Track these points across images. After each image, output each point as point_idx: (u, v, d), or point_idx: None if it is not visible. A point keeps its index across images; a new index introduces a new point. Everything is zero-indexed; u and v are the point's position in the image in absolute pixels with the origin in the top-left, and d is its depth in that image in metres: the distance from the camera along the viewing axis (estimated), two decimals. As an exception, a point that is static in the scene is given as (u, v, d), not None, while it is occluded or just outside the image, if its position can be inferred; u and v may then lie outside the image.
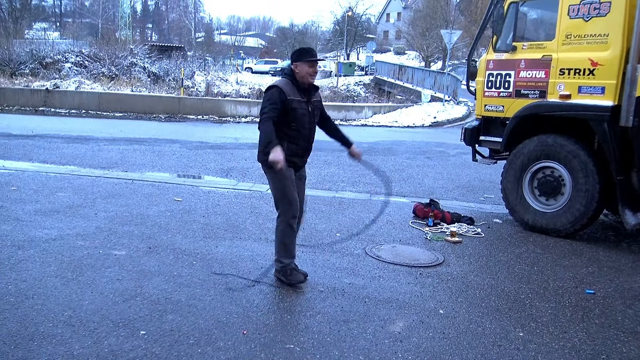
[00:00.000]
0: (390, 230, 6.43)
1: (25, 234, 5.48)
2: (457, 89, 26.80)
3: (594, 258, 5.73)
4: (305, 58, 4.35)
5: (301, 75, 4.35)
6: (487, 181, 9.63)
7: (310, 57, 4.36)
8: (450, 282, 4.86)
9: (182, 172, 9.66)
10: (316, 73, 4.44)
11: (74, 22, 75.72)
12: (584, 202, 6.14)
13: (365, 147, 13.55)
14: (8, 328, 3.53)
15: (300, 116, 4.34)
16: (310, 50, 4.45)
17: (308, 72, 4.34)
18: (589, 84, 6.07)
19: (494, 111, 7.12)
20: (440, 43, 43.97)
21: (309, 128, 4.45)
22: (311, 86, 4.44)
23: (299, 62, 4.34)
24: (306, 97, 4.39)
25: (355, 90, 38.65)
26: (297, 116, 4.32)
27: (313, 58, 4.38)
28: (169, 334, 3.59)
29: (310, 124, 4.44)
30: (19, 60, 25.77)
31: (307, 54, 4.38)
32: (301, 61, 4.34)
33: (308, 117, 4.40)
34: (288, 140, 4.33)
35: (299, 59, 4.35)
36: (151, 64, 28.15)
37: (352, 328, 3.83)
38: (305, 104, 4.38)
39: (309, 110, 4.40)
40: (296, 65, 4.36)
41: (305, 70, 4.34)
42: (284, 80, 4.40)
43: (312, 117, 4.45)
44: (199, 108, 21.13)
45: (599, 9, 5.98)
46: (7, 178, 8.12)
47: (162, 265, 4.85)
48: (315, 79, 4.44)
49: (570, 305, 4.46)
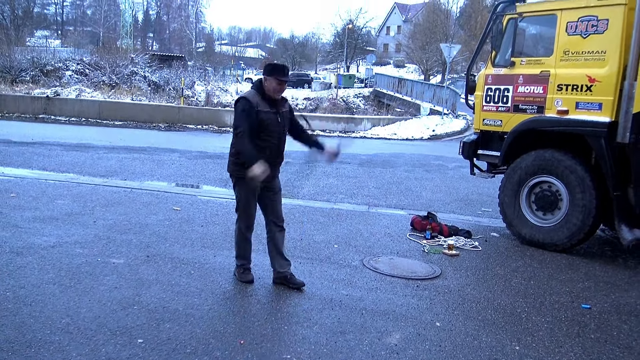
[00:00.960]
0: (387, 242, 6.45)
1: (24, 241, 5.49)
2: (456, 102, 26.89)
3: (591, 273, 5.75)
4: (275, 75, 4.43)
5: (268, 89, 4.45)
6: (485, 195, 9.66)
7: (281, 76, 4.44)
8: (447, 295, 4.88)
9: (181, 182, 9.69)
10: (283, 91, 4.53)
11: (75, 31, 76.10)
12: (580, 217, 6.17)
13: (364, 159, 13.60)
14: (6, 334, 3.54)
15: (268, 126, 4.42)
16: (282, 69, 4.52)
17: (275, 88, 4.44)
18: (586, 100, 6.13)
19: (492, 125, 7.17)
20: (439, 57, 44.22)
21: (278, 137, 4.53)
22: (279, 99, 4.53)
23: (270, 77, 4.43)
24: (274, 107, 4.48)
25: (355, 102, 38.76)
26: (265, 126, 4.41)
27: (283, 78, 4.45)
28: (166, 342, 3.60)
29: (279, 133, 4.53)
30: (20, 68, 25.88)
31: (279, 72, 4.46)
32: (272, 77, 4.42)
33: (277, 126, 4.49)
34: (257, 150, 4.37)
35: (270, 74, 4.44)
36: (152, 73, 28.27)
37: (348, 339, 3.84)
38: (274, 114, 4.46)
39: (277, 120, 4.49)
40: (266, 79, 4.45)
41: (272, 86, 4.43)
42: (252, 91, 4.50)
43: (281, 127, 4.54)
44: (198, 118, 21.19)
45: (597, 27, 6.05)
46: (6, 185, 8.13)
47: (160, 274, 4.87)
48: (280, 96, 4.53)
49: (567, 319, 4.47)
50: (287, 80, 4.57)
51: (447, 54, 24.42)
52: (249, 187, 4.49)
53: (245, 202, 4.63)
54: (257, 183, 4.31)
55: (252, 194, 4.59)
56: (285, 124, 4.61)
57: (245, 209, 4.65)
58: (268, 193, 4.66)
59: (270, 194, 4.68)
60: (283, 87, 4.49)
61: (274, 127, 4.46)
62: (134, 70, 27.50)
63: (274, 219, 4.73)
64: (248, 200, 4.62)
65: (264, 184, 4.53)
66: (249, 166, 4.22)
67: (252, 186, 4.47)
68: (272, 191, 4.69)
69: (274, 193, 4.71)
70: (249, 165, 4.22)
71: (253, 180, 4.25)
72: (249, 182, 4.35)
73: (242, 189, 4.57)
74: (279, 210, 4.77)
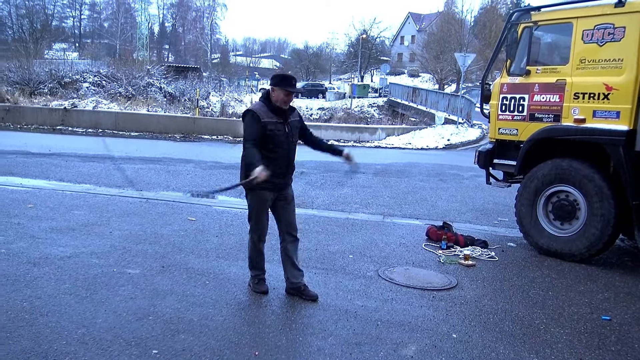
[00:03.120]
0: (403, 252, 6.40)
1: (41, 251, 5.54)
2: (471, 111, 26.79)
3: (610, 284, 5.66)
4: (283, 86, 4.44)
5: (276, 99, 4.45)
6: (501, 204, 9.58)
7: (288, 87, 4.46)
8: (463, 306, 4.82)
9: (196, 192, 9.72)
10: (290, 101, 4.53)
11: (92, 43, 77.26)
12: (599, 227, 6.08)
13: (379, 169, 13.56)
14: (22, 345, 3.56)
15: (275, 137, 4.42)
16: (290, 79, 4.55)
17: (283, 99, 4.45)
18: (603, 108, 6.06)
19: (508, 134, 7.12)
20: (454, 66, 44.15)
21: (287, 148, 4.52)
22: (287, 109, 4.53)
23: (277, 88, 4.44)
24: (282, 118, 4.48)
25: (369, 112, 38.78)
26: (272, 137, 4.41)
27: (291, 89, 4.48)
28: (180, 353, 3.59)
29: (288, 143, 4.52)
30: (38, 80, 26.26)
31: (286, 83, 4.48)
32: (280, 88, 4.43)
33: (285, 137, 4.48)
34: (265, 160, 4.36)
35: (278, 84, 4.45)
36: (167, 85, 28.54)
37: (364, 351, 3.81)
38: (282, 124, 4.46)
39: (285, 131, 4.48)
40: (273, 90, 4.46)
41: (280, 97, 4.44)
42: (259, 103, 4.53)
43: (289, 137, 4.52)
44: (213, 128, 21.32)
45: (613, 34, 6.00)
46: (24, 195, 8.23)
47: (175, 284, 4.87)
48: (287, 106, 4.52)
49: (586, 331, 4.40)
50: (295, 91, 4.58)
51: (462, 63, 24.37)
52: (261, 197, 4.51)
53: (257, 213, 4.63)
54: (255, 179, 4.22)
55: (263, 205, 4.59)
56: (294, 133, 4.59)
57: (257, 219, 4.65)
58: (281, 202, 4.66)
59: (284, 204, 4.68)
60: (290, 97, 4.51)
61: (282, 137, 4.45)
62: (150, 82, 27.78)
63: (287, 229, 4.73)
64: (259, 211, 4.62)
65: (276, 193, 4.55)
66: (250, 169, 4.20)
67: (263, 197, 4.50)
68: (285, 200, 4.68)
69: (287, 203, 4.70)
70: (251, 168, 4.20)
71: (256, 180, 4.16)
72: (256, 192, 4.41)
73: (254, 200, 4.58)
74: (293, 220, 4.75)
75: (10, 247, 5.64)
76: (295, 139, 4.64)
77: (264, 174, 4.12)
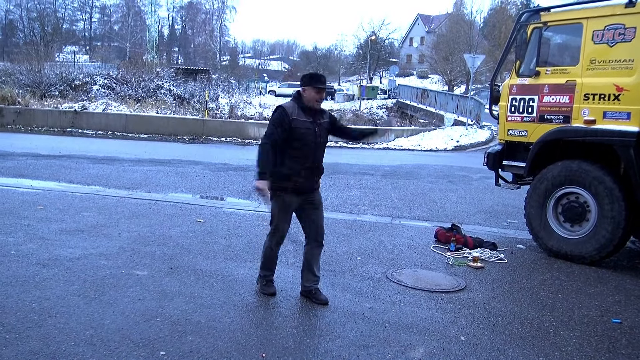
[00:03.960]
0: (411, 254, 6.38)
1: (50, 253, 5.57)
2: (480, 113, 26.68)
3: (621, 286, 5.60)
4: (314, 84, 4.46)
5: (308, 99, 4.47)
6: (511, 206, 9.52)
7: (319, 84, 4.48)
8: (472, 308, 4.79)
9: (205, 194, 9.75)
10: (322, 99, 4.56)
11: (102, 46, 77.85)
12: (609, 229, 6.03)
13: (388, 171, 13.53)
14: (31, 346, 3.57)
15: (303, 134, 4.42)
16: (320, 77, 4.57)
17: (314, 97, 4.47)
18: (614, 109, 6.02)
19: (517, 136, 7.08)
20: (463, 67, 44.01)
21: (314, 147, 4.50)
22: (318, 110, 4.55)
23: (308, 87, 4.47)
24: (312, 117, 4.49)
25: (378, 113, 38.65)
26: (299, 134, 4.41)
27: (322, 85, 4.50)
28: (188, 355, 3.59)
29: (315, 143, 4.50)
30: (49, 83, 26.43)
31: (317, 81, 4.50)
32: (310, 86, 4.46)
33: (312, 135, 4.47)
34: (291, 158, 4.41)
35: (309, 84, 4.47)
36: (177, 87, 28.62)
37: (371, 353, 3.79)
38: (310, 123, 4.47)
39: (314, 130, 4.48)
40: (304, 90, 4.49)
41: (312, 96, 4.46)
42: (291, 102, 4.55)
43: (317, 137, 4.50)
44: (222, 130, 21.36)
45: (624, 35, 5.95)
46: (34, 197, 8.28)
47: (183, 286, 4.88)
48: (320, 105, 4.57)
49: (596, 334, 4.35)
50: (326, 88, 4.61)
51: (471, 64, 24.28)
52: (284, 201, 4.51)
53: (278, 218, 4.60)
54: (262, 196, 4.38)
55: (286, 210, 4.57)
56: (323, 135, 4.58)
57: (278, 225, 4.62)
58: (308, 207, 4.62)
59: (311, 208, 4.64)
60: (322, 95, 4.53)
61: (309, 136, 4.44)
62: (159, 84, 27.87)
63: (315, 235, 4.69)
64: (281, 217, 4.59)
65: (302, 197, 4.55)
66: (258, 174, 4.29)
67: (286, 202, 4.51)
68: (313, 205, 4.64)
69: (315, 207, 4.66)
70: (259, 173, 4.28)
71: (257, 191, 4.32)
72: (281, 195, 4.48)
73: (277, 204, 4.55)
74: (321, 225, 4.71)
75: (20, 248, 5.68)
76: (324, 140, 4.61)
77: (262, 193, 4.27)
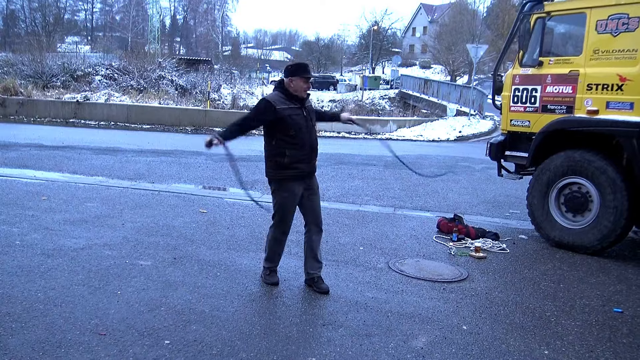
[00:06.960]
0: (413, 244, 6.40)
1: (55, 243, 5.61)
2: (483, 103, 26.62)
3: (622, 276, 5.62)
4: (301, 74, 4.51)
5: (295, 89, 4.51)
6: (513, 196, 9.53)
7: (306, 74, 4.54)
8: (474, 298, 4.82)
9: (207, 184, 9.78)
10: (309, 88, 4.65)
11: (104, 36, 77.62)
12: (612, 219, 6.04)
13: (390, 161, 13.53)
14: (37, 335, 3.61)
15: (295, 122, 4.48)
16: (306, 67, 4.65)
17: (303, 87, 4.52)
18: (617, 99, 6.01)
19: (520, 126, 7.07)
20: (466, 57, 43.82)
21: (308, 132, 4.57)
22: (304, 97, 4.64)
23: (296, 77, 4.50)
24: (299, 103, 4.55)
25: (381, 104, 38.66)
26: (292, 122, 4.47)
27: (308, 75, 4.56)
28: (192, 344, 3.63)
29: (308, 127, 4.57)
30: (51, 73, 26.46)
31: (304, 71, 4.56)
32: (298, 76, 4.50)
33: (304, 120, 4.54)
34: (290, 147, 4.46)
35: (295, 74, 4.51)
36: (179, 77, 28.61)
37: (374, 342, 3.82)
38: (298, 108, 4.53)
39: (304, 114, 4.55)
40: (291, 80, 4.51)
41: (300, 86, 4.51)
42: (275, 93, 4.59)
43: (308, 121, 4.59)
44: (225, 120, 21.27)
45: (628, 24, 5.93)
46: (38, 188, 8.31)
47: (187, 276, 4.91)
48: (306, 94, 4.64)
49: (597, 323, 4.38)
50: (311, 76, 4.66)
51: (474, 54, 24.21)
52: (292, 191, 4.55)
53: (284, 209, 4.64)
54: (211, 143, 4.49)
55: (293, 200, 4.60)
56: (312, 117, 4.66)
57: (282, 216, 4.67)
58: (307, 193, 4.66)
59: (310, 194, 4.68)
60: (309, 84, 4.61)
61: (301, 120, 4.51)
62: (161, 75, 27.86)
63: (314, 220, 4.74)
64: (286, 207, 4.64)
65: (305, 184, 4.60)
66: (219, 134, 4.51)
67: (294, 191, 4.55)
68: (312, 190, 4.69)
69: (313, 193, 4.71)
70: (220, 134, 4.50)
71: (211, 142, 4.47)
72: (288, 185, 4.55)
73: (284, 195, 4.59)
74: (318, 211, 4.77)
75: (24, 238, 5.71)
76: (314, 122, 4.69)
77: (216, 143, 4.44)
